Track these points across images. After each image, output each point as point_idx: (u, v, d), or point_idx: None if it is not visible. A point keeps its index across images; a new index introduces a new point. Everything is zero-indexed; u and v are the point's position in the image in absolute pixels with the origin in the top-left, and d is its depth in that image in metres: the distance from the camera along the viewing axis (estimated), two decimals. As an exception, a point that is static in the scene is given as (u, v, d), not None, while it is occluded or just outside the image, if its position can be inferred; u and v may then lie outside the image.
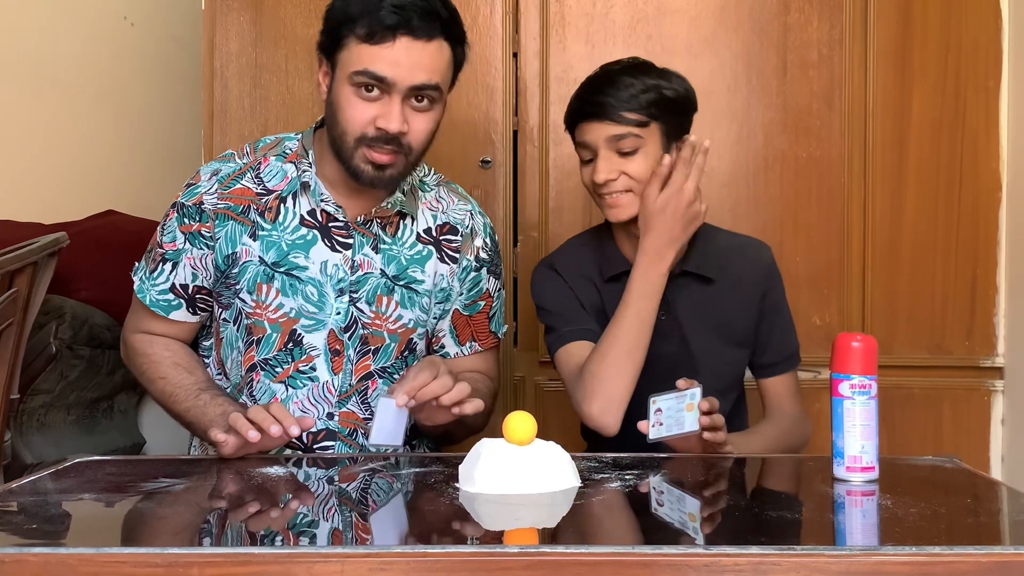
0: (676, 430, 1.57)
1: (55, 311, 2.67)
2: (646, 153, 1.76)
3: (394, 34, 1.62)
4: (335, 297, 1.74)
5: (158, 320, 1.82)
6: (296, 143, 1.80)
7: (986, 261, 2.39)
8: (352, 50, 1.64)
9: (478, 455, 1.37)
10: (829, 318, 2.38)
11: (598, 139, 1.76)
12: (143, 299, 1.81)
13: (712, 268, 1.85)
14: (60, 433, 2.77)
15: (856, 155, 2.38)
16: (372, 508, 1.37)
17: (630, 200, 1.77)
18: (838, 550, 1.10)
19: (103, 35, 3.37)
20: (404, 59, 1.63)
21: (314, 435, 1.75)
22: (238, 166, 1.78)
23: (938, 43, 2.38)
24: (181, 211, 1.77)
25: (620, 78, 1.76)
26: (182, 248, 1.77)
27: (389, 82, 1.63)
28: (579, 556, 1.05)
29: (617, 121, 1.74)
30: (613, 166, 1.75)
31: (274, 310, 1.74)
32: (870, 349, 1.40)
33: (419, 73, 1.64)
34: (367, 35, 1.63)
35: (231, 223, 1.74)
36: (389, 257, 1.77)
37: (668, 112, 1.77)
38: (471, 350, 1.87)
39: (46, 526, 1.27)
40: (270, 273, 1.73)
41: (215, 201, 1.75)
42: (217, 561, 1.05)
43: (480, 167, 2.37)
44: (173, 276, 1.78)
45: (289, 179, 1.76)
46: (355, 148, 1.67)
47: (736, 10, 2.39)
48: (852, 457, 1.39)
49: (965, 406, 2.40)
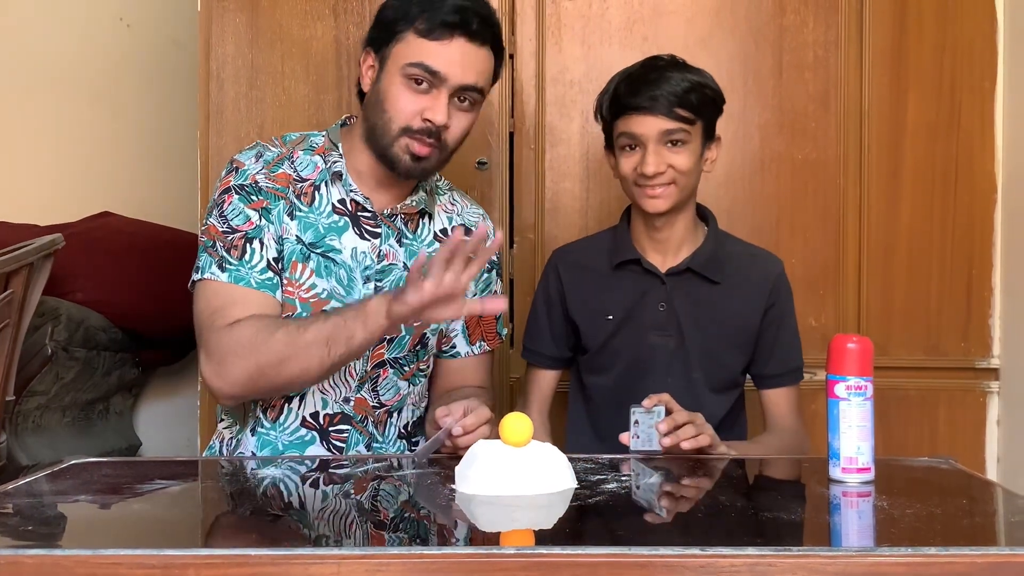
0: (647, 447, 1.61)
1: (51, 313, 2.67)
2: (691, 149, 1.83)
3: (452, 33, 1.68)
4: (362, 283, 1.77)
5: (262, 302, 1.70)
6: (322, 139, 1.83)
7: (981, 263, 2.39)
8: (409, 43, 1.70)
9: (474, 456, 1.37)
10: (825, 319, 2.38)
11: (649, 132, 1.81)
12: (248, 284, 1.69)
13: (718, 271, 1.89)
14: (56, 435, 2.76)
15: (852, 156, 2.38)
16: (369, 509, 1.37)
17: (672, 192, 1.83)
18: (834, 551, 1.11)
19: (99, 36, 3.37)
20: (458, 58, 1.69)
21: (330, 417, 1.77)
22: (276, 153, 1.80)
23: (934, 45, 2.38)
24: (241, 191, 1.74)
25: (670, 74, 1.82)
26: (260, 225, 1.73)
27: (441, 77, 1.69)
28: (575, 557, 1.05)
29: (670, 116, 1.80)
30: (662, 159, 1.81)
31: (307, 289, 1.74)
32: (866, 350, 1.41)
33: (470, 74, 1.70)
34: (426, 30, 1.69)
35: (281, 203, 1.76)
36: (410, 252, 1.80)
37: (709, 110, 1.85)
38: (480, 350, 1.92)
39: (42, 528, 1.26)
40: (306, 253, 1.75)
41: (266, 181, 1.76)
42: (213, 563, 1.05)
43: (476, 168, 2.37)
44: (265, 252, 1.72)
45: (320, 169, 1.79)
46: (397, 137, 1.71)
47: (732, 12, 2.39)
48: (848, 458, 1.39)
49: (961, 407, 2.40)
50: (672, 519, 1.33)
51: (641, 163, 1.81)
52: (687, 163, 1.82)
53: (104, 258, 2.96)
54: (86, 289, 2.88)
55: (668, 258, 1.90)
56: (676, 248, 1.90)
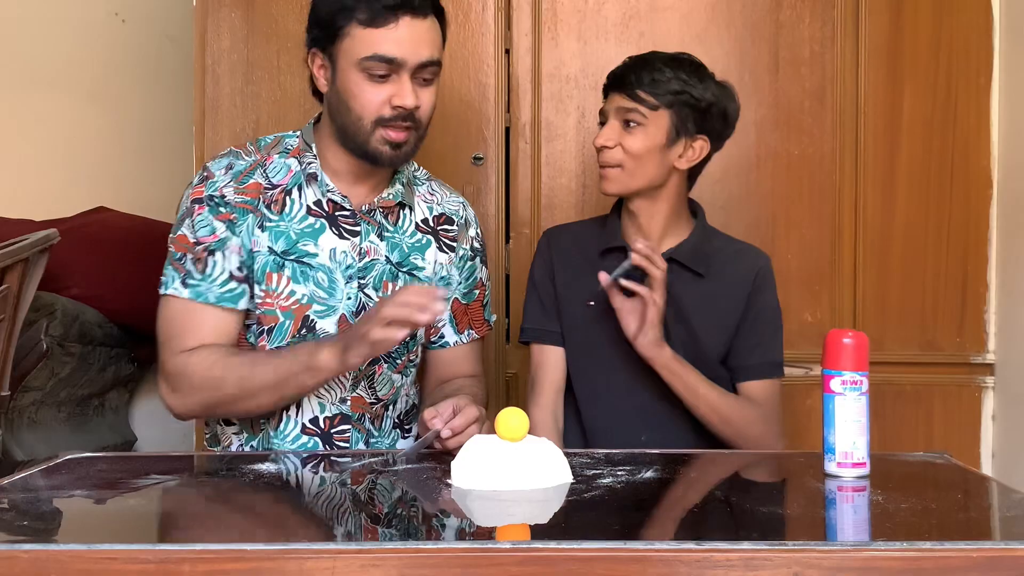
0: None
1: (46, 308, 2.66)
2: (646, 133, 1.82)
3: (396, 14, 1.67)
4: (344, 283, 1.76)
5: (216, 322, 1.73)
6: (296, 139, 1.82)
7: (977, 258, 2.39)
8: (355, 37, 1.68)
9: (470, 451, 1.37)
10: (820, 315, 2.38)
11: (610, 107, 1.85)
12: (205, 299, 1.72)
13: (703, 264, 1.88)
14: (51, 430, 2.76)
15: (848, 152, 2.38)
16: (364, 504, 1.37)
17: (618, 175, 1.84)
18: (829, 545, 1.11)
19: (94, 31, 3.36)
20: (408, 37, 1.68)
21: (330, 420, 1.77)
22: (248, 163, 1.79)
23: (929, 41, 2.39)
24: (211, 202, 1.75)
25: (655, 63, 1.83)
26: (225, 237, 1.74)
27: (399, 62, 1.68)
28: (571, 552, 1.05)
29: (630, 97, 1.82)
30: (613, 134, 1.83)
31: (285, 297, 1.74)
32: (861, 345, 1.41)
33: (424, 49, 1.69)
34: (369, 19, 1.67)
35: (249, 216, 1.75)
36: (392, 244, 1.80)
37: (686, 108, 1.82)
38: (468, 338, 1.91)
39: (37, 523, 1.26)
40: (280, 262, 1.75)
41: (233, 195, 1.76)
42: (208, 557, 1.05)
43: (472, 163, 2.37)
44: (227, 264, 1.74)
45: (293, 173, 1.79)
46: (372, 130, 1.71)
47: (728, 7, 2.39)
48: (843, 453, 1.40)
49: (956, 402, 2.41)
50: (668, 514, 1.33)
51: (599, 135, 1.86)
52: (637, 146, 1.82)
53: (99, 253, 2.95)
54: (81, 284, 2.88)
55: None
56: (659, 238, 1.89)
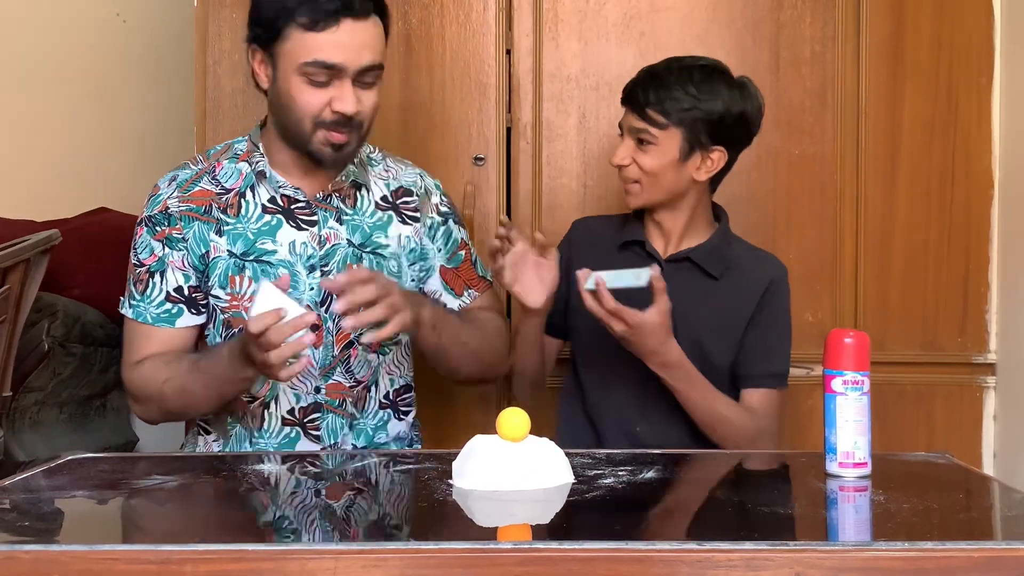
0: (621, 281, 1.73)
1: (47, 309, 2.67)
2: (660, 152, 1.84)
3: (336, 18, 1.65)
4: (307, 274, 1.77)
5: (161, 337, 1.78)
6: (245, 143, 1.84)
7: (978, 258, 2.39)
8: (295, 40, 1.67)
9: (471, 451, 1.37)
10: (822, 315, 2.37)
11: (625, 125, 1.89)
12: (144, 319, 1.79)
13: (718, 266, 1.90)
14: (53, 430, 2.76)
15: (849, 152, 2.38)
16: (365, 504, 1.37)
17: (638, 191, 1.88)
18: (831, 545, 1.11)
19: (95, 31, 3.36)
20: (349, 41, 1.66)
21: (304, 409, 1.78)
22: (194, 171, 1.82)
23: (930, 40, 2.38)
24: (149, 222, 1.79)
25: (664, 79, 1.84)
26: (163, 256, 1.78)
27: (339, 68, 1.67)
28: (572, 552, 1.05)
29: (641, 117, 1.85)
30: (628, 152, 1.87)
31: (249, 298, 1.74)
32: (862, 345, 1.41)
33: (365, 54, 1.68)
34: (310, 23, 1.65)
35: (197, 223, 1.77)
36: (353, 227, 1.81)
37: (698, 123, 1.83)
38: (471, 298, 1.92)
39: (38, 523, 1.26)
40: (240, 264, 1.76)
41: (178, 204, 1.78)
42: (210, 558, 1.05)
43: (473, 164, 2.37)
44: (164, 285, 1.78)
45: (244, 175, 1.80)
46: (312, 132, 1.71)
47: (729, 7, 2.39)
48: (845, 453, 1.40)
49: (957, 402, 2.40)
50: (669, 514, 1.33)
51: None
52: (652, 164, 1.84)
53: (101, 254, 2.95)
54: (83, 285, 2.88)
55: (671, 246, 1.92)
56: (679, 238, 1.92)
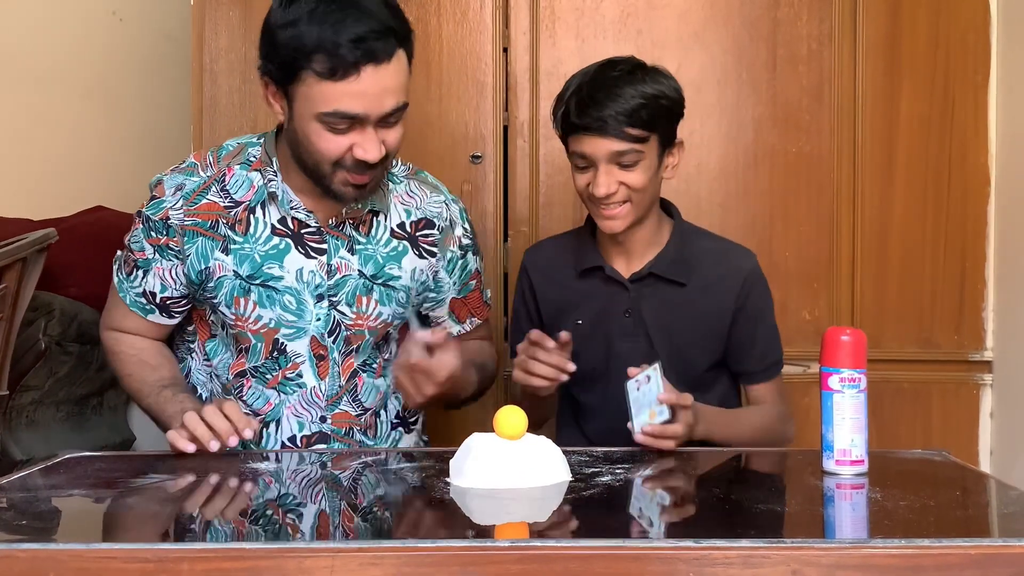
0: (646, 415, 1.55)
1: (44, 307, 2.66)
2: (645, 165, 1.74)
3: (358, 68, 1.55)
4: (314, 303, 1.73)
5: (134, 318, 1.81)
6: (259, 149, 1.75)
7: (975, 255, 2.39)
8: (313, 87, 1.56)
9: (469, 449, 1.38)
10: (818, 312, 2.38)
11: (598, 153, 1.73)
12: (124, 297, 1.81)
13: (683, 272, 1.83)
14: (49, 429, 2.76)
15: (845, 150, 2.38)
16: (363, 503, 1.37)
17: (628, 210, 1.76)
18: (828, 543, 1.11)
19: (92, 30, 3.36)
20: (372, 89, 1.56)
21: (308, 439, 1.76)
22: (202, 180, 1.73)
23: (927, 38, 2.39)
24: (147, 224, 1.75)
25: (620, 89, 1.72)
26: (151, 258, 1.76)
27: (362, 117, 1.58)
28: (570, 550, 1.06)
29: (620, 138, 1.71)
30: (613, 179, 1.73)
31: (254, 321, 1.73)
32: (859, 343, 1.41)
33: (388, 99, 1.58)
34: (329, 72, 1.54)
35: (201, 239, 1.72)
36: (366, 257, 1.75)
37: (665, 121, 1.76)
38: (471, 325, 1.92)
39: (35, 522, 1.26)
40: (246, 287, 1.72)
41: (182, 217, 1.72)
42: (207, 556, 1.05)
43: (470, 162, 2.37)
44: (144, 283, 1.78)
45: (256, 188, 1.72)
46: (332, 174, 1.63)
47: (726, 5, 2.39)
48: (841, 450, 1.40)
49: (954, 400, 2.41)
50: (666, 512, 1.33)
51: (593, 183, 1.74)
52: (640, 181, 1.73)
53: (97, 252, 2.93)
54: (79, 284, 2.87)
55: (633, 263, 1.84)
56: (641, 253, 1.84)
